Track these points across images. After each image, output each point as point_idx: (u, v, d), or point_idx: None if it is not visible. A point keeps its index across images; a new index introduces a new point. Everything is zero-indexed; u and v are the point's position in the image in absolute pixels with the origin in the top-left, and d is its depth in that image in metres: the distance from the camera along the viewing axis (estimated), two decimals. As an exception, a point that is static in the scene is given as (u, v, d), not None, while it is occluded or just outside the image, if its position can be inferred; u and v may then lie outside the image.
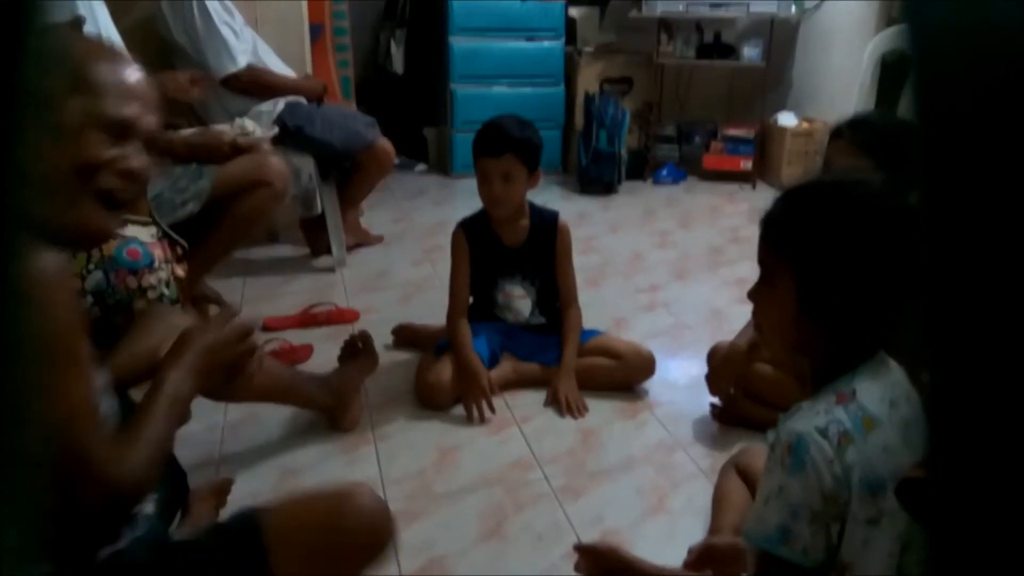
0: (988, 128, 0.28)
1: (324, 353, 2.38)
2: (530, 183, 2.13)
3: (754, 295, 1.08)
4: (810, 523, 0.95)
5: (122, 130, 0.98)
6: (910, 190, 0.95)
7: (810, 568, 0.96)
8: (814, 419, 0.96)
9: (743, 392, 1.99)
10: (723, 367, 1.98)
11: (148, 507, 1.10)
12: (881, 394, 0.98)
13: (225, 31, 2.74)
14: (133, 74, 1.02)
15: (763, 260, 1.06)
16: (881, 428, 0.96)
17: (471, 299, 2.25)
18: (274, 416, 1.99)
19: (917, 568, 0.95)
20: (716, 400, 2.04)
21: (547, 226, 2.22)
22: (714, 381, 2.02)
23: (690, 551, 1.32)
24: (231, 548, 1.05)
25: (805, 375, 1.07)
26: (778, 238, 1.03)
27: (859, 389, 0.98)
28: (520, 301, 2.25)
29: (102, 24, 2.08)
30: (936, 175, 0.30)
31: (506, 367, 2.21)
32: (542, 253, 2.22)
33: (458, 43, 4.30)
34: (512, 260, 2.21)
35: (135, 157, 1.00)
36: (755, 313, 1.09)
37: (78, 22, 1.20)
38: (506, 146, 2.06)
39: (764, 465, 1.01)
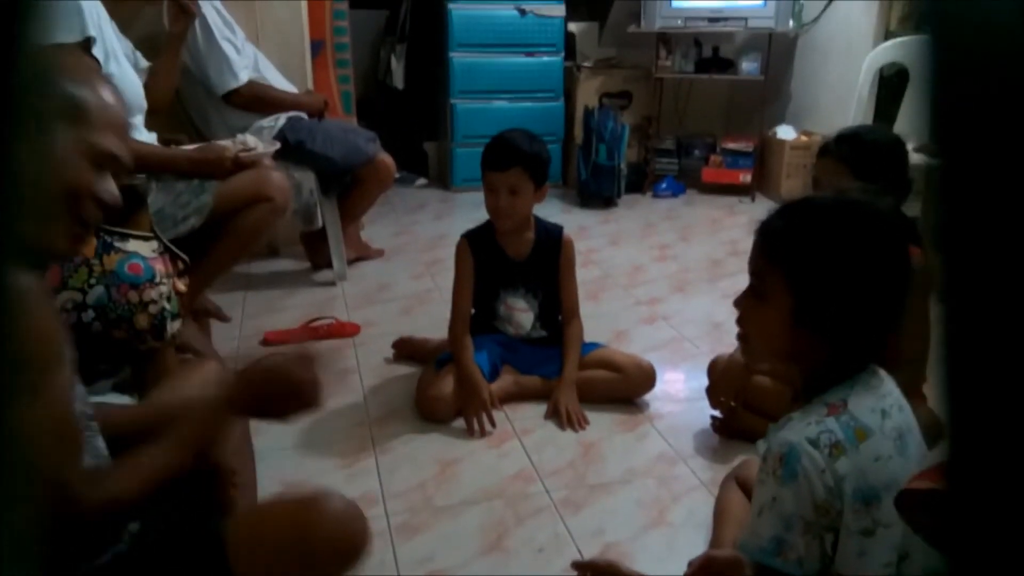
0: (1007, 133, 0.28)
1: (324, 367, 2.38)
2: (536, 197, 2.14)
3: (741, 303, 1.08)
4: (803, 533, 0.95)
5: (105, 162, 1.01)
6: (898, 203, 0.96)
7: (807, 579, 0.96)
8: (805, 430, 0.96)
9: (743, 404, 1.99)
10: (723, 380, 1.99)
11: (133, 525, 1.07)
12: (873, 404, 0.99)
13: (226, 47, 2.77)
14: (116, 104, 1.04)
15: (757, 270, 1.06)
16: (873, 438, 0.96)
17: (472, 310, 2.25)
18: (273, 429, 1.99)
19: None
20: (716, 412, 2.04)
21: (552, 240, 2.22)
22: (714, 394, 2.02)
23: (690, 564, 1.31)
24: (192, 563, 1.02)
25: (795, 385, 1.07)
26: (776, 248, 1.04)
27: (851, 400, 0.98)
28: (522, 314, 2.25)
29: (109, 45, 2.09)
30: (954, 184, 0.29)
31: (507, 380, 2.21)
32: (546, 266, 2.22)
33: (458, 58, 4.33)
34: (516, 273, 2.21)
35: (111, 188, 1.03)
36: (741, 322, 1.09)
37: (88, 43, 1.21)
38: (514, 160, 2.07)
39: (756, 477, 1.01)
